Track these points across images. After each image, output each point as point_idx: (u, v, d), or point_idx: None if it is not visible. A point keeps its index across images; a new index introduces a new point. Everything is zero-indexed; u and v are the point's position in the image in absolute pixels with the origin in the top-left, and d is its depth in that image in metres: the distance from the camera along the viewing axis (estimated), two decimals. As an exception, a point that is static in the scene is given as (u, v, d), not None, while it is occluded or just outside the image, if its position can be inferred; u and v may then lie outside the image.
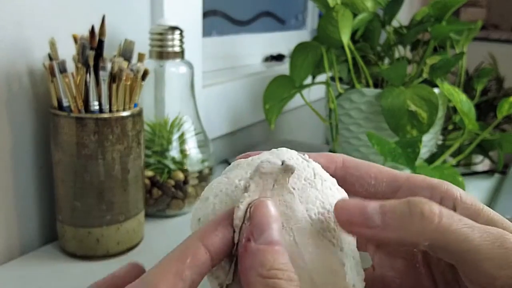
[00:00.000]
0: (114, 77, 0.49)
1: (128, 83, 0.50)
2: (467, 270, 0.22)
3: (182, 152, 0.61)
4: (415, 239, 0.22)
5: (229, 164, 0.27)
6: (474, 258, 0.21)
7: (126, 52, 0.51)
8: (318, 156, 0.27)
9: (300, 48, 0.74)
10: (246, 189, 0.23)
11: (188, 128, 0.62)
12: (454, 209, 0.25)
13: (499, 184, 0.80)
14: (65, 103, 0.49)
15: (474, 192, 0.75)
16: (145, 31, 0.62)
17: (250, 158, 0.26)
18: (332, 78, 0.76)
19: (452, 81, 0.80)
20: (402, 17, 0.84)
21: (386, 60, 0.80)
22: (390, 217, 0.22)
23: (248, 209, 0.22)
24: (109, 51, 0.51)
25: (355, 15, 0.71)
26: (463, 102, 0.68)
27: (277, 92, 0.75)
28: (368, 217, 0.22)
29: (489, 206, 0.25)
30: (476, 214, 0.24)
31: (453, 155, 0.76)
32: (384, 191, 0.27)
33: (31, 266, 0.50)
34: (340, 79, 0.77)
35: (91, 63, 0.48)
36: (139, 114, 0.52)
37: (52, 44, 0.49)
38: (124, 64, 0.49)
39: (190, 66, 0.62)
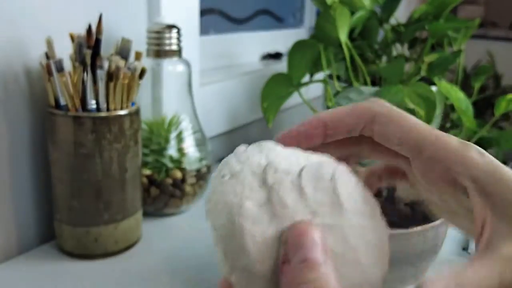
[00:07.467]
0: (111, 76, 0.49)
1: (126, 81, 0.50)
2: None
3: (180, 150, 0.61)
4: None
5: None
6: None
7: (123, 51, 0.51)
8: (345, 113, 0.26)
9: (298, 46, 0.74)
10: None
11: (186, 126, 0.62)
12: None
13: (497, 181, 0.80)
14: (62, 102, 0.49)
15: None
16: (142, 29, 0.62)
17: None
18: (330, 76, 0.76)
19: (450, 79, 0.80)
20: (400, 15, 0.84)
21: (384, 58, 0.80)
22: None
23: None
24: (106, 50, 0.51)
25: (352, 13, 0.71)
26: (461, 100, 0.68)
27: (275, 90, 0.75)
28: None
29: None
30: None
31: (451, 153, 0.76)
32: (409, 153, 0.26)
33: (28, 266, 0.50)
34: (338, 77, 0.77)
35: (88, 61, 0.48)
36: (137, 112, 0.52)
37: (49, 43, 0.48)
38: (121, 62, 0.49)
39: (187, 64, 0.62)
